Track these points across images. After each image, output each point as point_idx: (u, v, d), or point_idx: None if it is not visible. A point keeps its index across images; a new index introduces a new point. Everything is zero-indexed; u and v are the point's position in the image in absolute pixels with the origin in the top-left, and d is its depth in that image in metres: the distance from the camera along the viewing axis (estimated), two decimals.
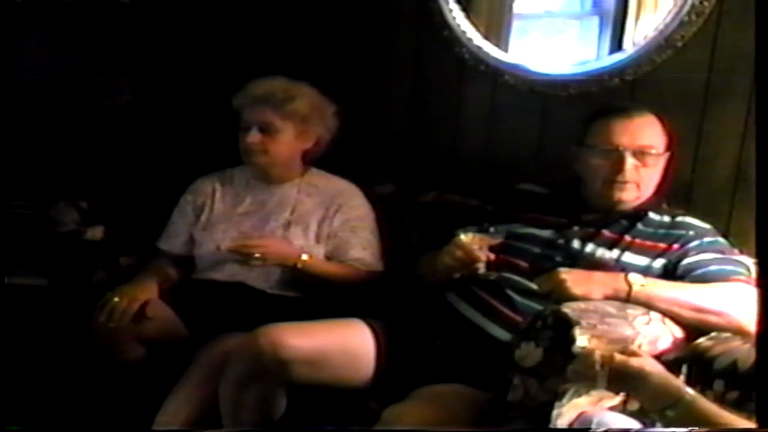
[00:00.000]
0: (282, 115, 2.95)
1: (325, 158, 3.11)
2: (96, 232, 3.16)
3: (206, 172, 3.19)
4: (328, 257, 2.98)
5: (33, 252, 3.30)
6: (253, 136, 2.96)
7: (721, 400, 2.03)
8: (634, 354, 1.95)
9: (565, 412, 2.17)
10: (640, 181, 2.60)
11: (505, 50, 3.27)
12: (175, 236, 3.13)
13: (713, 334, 2.27)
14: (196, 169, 3.21)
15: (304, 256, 2.89)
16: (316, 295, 2.95)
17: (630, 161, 2.56)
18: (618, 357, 1.91)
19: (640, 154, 2.57)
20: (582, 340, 1.95)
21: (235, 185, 3.13)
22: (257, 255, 2.82)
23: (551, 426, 2.16)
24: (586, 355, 1.94)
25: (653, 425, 2.05)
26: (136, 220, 3.29)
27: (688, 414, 1.86)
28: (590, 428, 1.92)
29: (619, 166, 2.57)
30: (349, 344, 2.61)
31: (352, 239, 2.98)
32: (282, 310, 2.81)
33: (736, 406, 2.02)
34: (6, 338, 2.90)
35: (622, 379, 1.91)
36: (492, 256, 2.59)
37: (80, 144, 3.56)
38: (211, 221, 3.08)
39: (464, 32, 3.28)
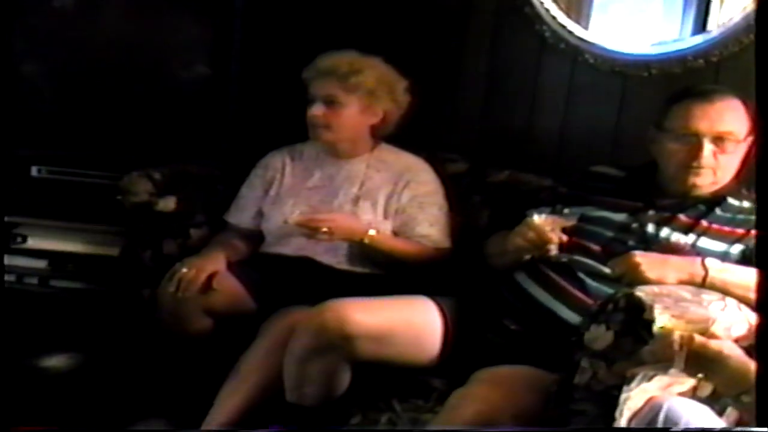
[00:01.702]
0: (346, 88, 2.94)
1: (398, 134, 3.09)
2: (168, 203, 3.18)
3: (279, 146, 3.19)
4: (396, 233, 2.96)
5: (106, 222, 3.34)
6: (317, 109, 2.95)
7: None
8: (713, 336, 1.90)
9: (634, 396, 2.13)
10: (717, 168, 2.54)
11: (586, 28, 3.22)
12: (244, 210, 3.14)
13: None
14: (269, 143, 3.21)
15: (372, 232, 2.87)
16: (383, 272, 2.94)
17: (708, 147, 2.50)
18: (697, 338, 1.87)
19: (718, 140, 2.50)
20: (662, 319, 1.91)
21: (305, 160, 3.13)
22: (324, 230, 2.81)
23: (619, 410, 2.13)
24: (666, 334, 1.89)
25: (723, 411, 2.01)
26: (208, 193, 3.31)
27: None
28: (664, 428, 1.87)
29: (696, 152, 2.51)
30: (414, 321, 2.60)
31: (419, 215, 2.95)
32: (349, 285, 2.81)
33: None
34: (75, 308, 2.94)
35: (700, 361, 1.87)
36: (565, 238, 2.55)
37: (154, 114, 3.58)
38: (280, 195, 3.08)
39: (546, 9, 3.24)
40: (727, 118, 2.52)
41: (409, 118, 3.06)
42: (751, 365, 1.86)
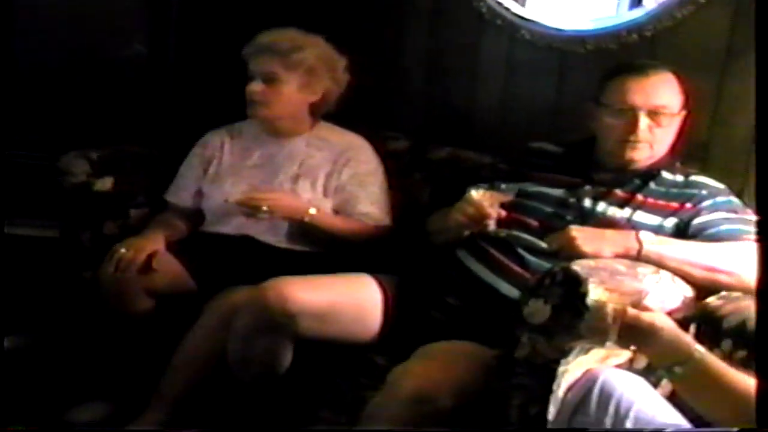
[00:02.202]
0: (286, 65, 2.93)
1: (338, 113, 3.08)
2: (106, 183, 3.15)
3: (218, 125, 3.17)
4: (336, 211, 2.97)
5: (43, 203, 3.31)
6: (256, 86, 2.94)
7: (729, 359, 2.00)
8: (646, 309, 1.92)
9: (571, 369, 2.15)
10: (653, 141, 2.57)
11: (523, 4, 3.22)
12: (184, 189, 3.12)
13: (723, 293, 2.25)
14: (209, 122, 3.19)
15: (312, 210, 2.88)
16: (324, 250, 2.94)
17: (644, 121, 2.53)
18: (630, 311, 1.89)
19: (654, 113, 2.54)
20: (596, 292, 1.93)
21: (244, 138, 3.12)
22: (265, 208, 2.81)
23: (557, 383, 2.15)
24: (599, 307, 1.92)
25: (658, 383, 2.04)
26: (147, 173, 3.29)
27: (697, 371, 1.84)
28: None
29: (632, 125, 2.53)
30: (356, 299, 2.61)
31: (360, 193, 2.96)
32: (290, 264, 2.81)
33: (744, 365, 1.99)
34: (15, 289, 2.91)
35: (633, 333, 1.89)
36: (503, 213, 2.57)
37: (92, 94, 3.54)
38: (219, 174, 3.07)
39: None
40: (662, 92, 2.56)
41: (348, 96, 3.05)
42: (684, 337, 1.89)
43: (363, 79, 3.07)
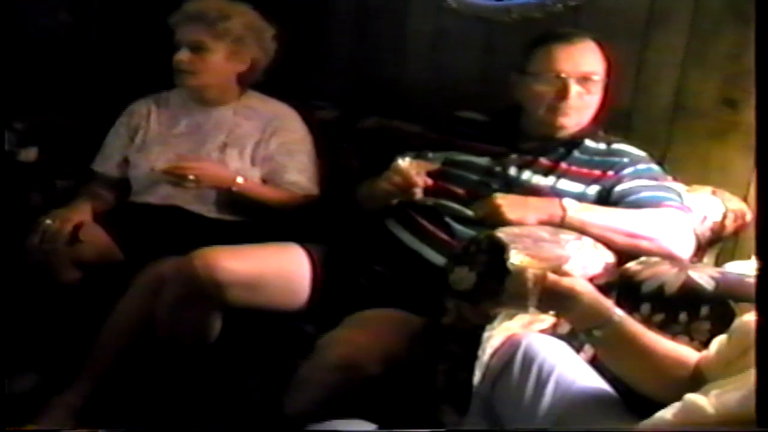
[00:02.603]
0: (214, 34, 2.91)
1: (267, 82, 3.07)
2: (29, 154, 3.11)
3: (145, 95, 3.14)
4: (264, 180, 2.96)
5: None
6: (183, 55, 2.92)
7: (647, 323, 2.05)
8: (565, 274, 1.95)
9: (496, 335, 2.19)
10: (582, 108, 2.60)
11: None
12: (110, 158, 3.09)
13: (642, 258, 2.29)
14: (135, 91, 3.16)
15: (239, 179, 2.87)
16: (253, 219, 2.93)
17: (574, 88, 2.56)
18: (550, 276, 1.92)
19: (583, 80, 2.56)
20: (516, 258, 1.96)
21: (171, 107, 3.09)
22: (191, 177, 2.80)
23: (482, 349, 2.19)
24: (519, 272, 1.94)
25: (581, 348, 2.08)
26: (73, 143, 3.25)
27: (616, 334, 1.87)
28: None
29: (563, 92, 2.56)
30: (285, 268, 2.62)
31: (288, 163, 2.96)
32: (218, 233, 2.81)
33: (662, 328, 2.05)
34: None
35: (552, 298, 1.91)
36: (429, 182, 2.58)
37: (16, 63, 3.48)
38: (146, 143, 3.04)
39: None
40: (589, 59, 2.59)
41: (276, 66, 3.04)
42: (603, 301, 1.92)
43: (290, 49, 3.06)
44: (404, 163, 2.58)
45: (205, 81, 2.96)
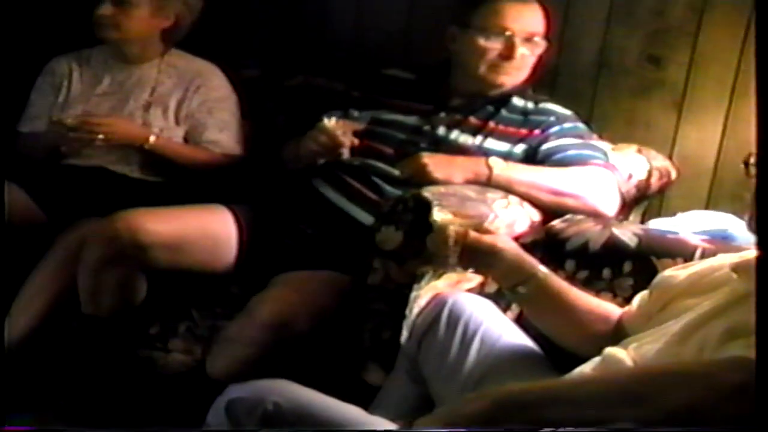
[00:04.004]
0: None
1: (190, 40, 3.01)
2: None
3: (64, 52, 3.06)
4: (186, 139, 2.91)
5: None
6: (105, 9, 2.84)
7: (572, 279, 2.07)
8: (487, 231, 1.96)
9: (423, 294, 2.19)
10: (523, 68, 2.60)
11: None
12: (37, 117, 2.99)
13: (567, 216, 2.31)
14: (53, 48, 3.08)
15: (152, 138, 2.82)
16: (178, 180, 2.89)
17: (520, 48, 2.55)
18: (472, 233, 1.92)
19: (528, 40, 2.56)
20: (438, 215, 1.96)
21: (93, 65, 3.01)
22: (100, 135, 2.74)
23: (409, 308, 2.19)
24: (440, 229, 1.94)
25: (509, 308, 2.09)
26: None
27: (540, 290, 1.89)
28: None
29: (509, 51, 2.54)
30: (209, 229, 2.59)
31: (208, 121, 2.91)
32: (143, 194, 2.76)
33: (586, 285, 2.07)
34: None
35: (474, 255, 1.92)
36: (356, 141, 2.57)
37: None
38: (69, 102, 2.96)
39: None
40: (536, 19, 2.58)
41: (200, 23, 2.98)
42: (526, 258, 1.93)
43: (215, 6, 3.00)
44: (330, 122, 2.57)
45: (128, 35, 2.88)
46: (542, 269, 1.91)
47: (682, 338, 1.54)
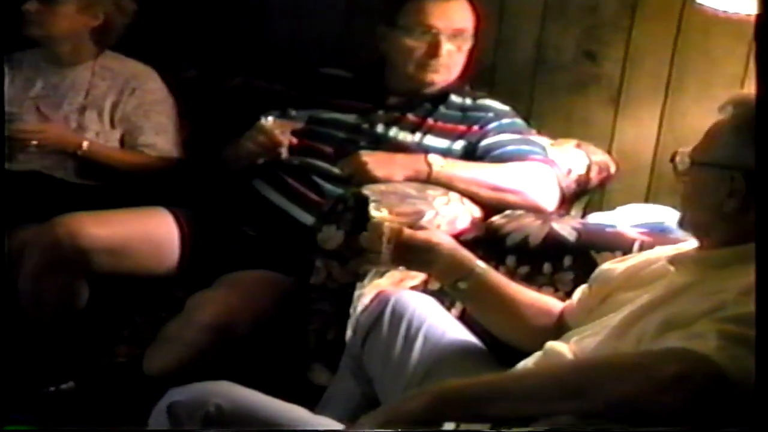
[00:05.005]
0: None
1: (126, 42, 2.98)
2: None
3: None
4: (122, 143, 2.88)
5: None
6: (30, 5, 2.79)
7: (513, 275, 2.09)
8: (422, 228, 1.96)
9: (367, 293, 2.20)
10: (452, 65, 2.60)
11: None
12: None
13: (507, 212, 2.32)
14: None
15: (85, 144, 2.78)
16: (116, 184, 2.86)
17: (446, 45, 2.55)
18: (406, 230, 1.93)
19: (454, 37, 2.56)
20: (373, 213, 1.96)
21: (25, 69, 2.95)
22: (33, 143, 2.71)
23: (353, 307, 2.19)
24: (374, 226, 1.94)
25: (452, 305, 2.10)
26: None
27: (480, 285, 1.90)
28: None
29: (434, 49, 2.55)
30: (151, 232, 2.58)
31: (144, 124, 2.87)
32: (82, 199, 2.72)
33: (527, 280, 2.09)
34: None
35: (410, 251, 1.93)
36: (294, 140, 2.57)
37: None
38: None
39: None
40: (461, 15, 2.58)
41: (135, 25, 2.95)
42: (464, 253, 1.94)
43: (152, 8, 2.98)
44: (267, 122, 2.58)
45: (54, 33, 2.83)
46: (481, 264, 1.92)
47: (620, 331, 1.56)
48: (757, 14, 1.39)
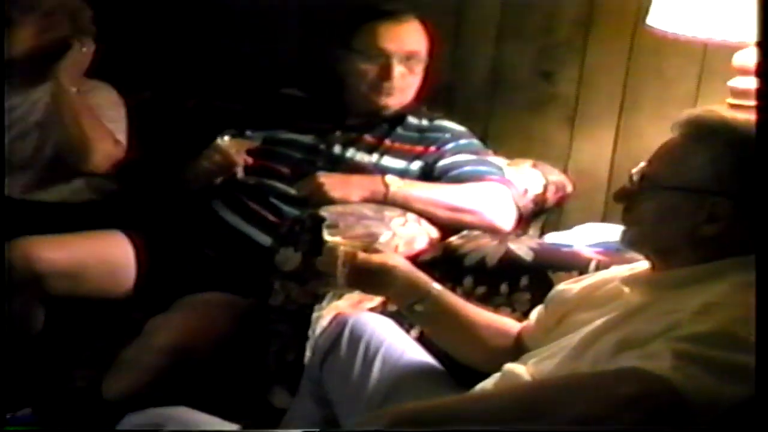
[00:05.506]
0: (21, 6, 2.78)
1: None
2: None
3: None
4: None
5: None
6: None
7: (470, 296, 2.10)
8: (376, 251, 1.96)
9: (326, 315, 2.20)
10: (405, 87, 2.62)
11: None
12: None
13: (464, 232, 2.33)
14: None
15: None
16: (73, 203, 2.84)
17: (398, 68, 2.57)
18: (360, 254, 1.92)
19: (407, 59, 2.58)
20: (328, 236, 1.96)
21: None
22: None
23: (312, 329, 2.19)
24: (329, 250, 1.94)
25: (412, 327, 2.11)
26: None
27: (436, 308, 1.90)
28: None
29: (386, 71, 2.57)
30: (107, 255, 2.57)
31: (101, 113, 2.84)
32: (36, 218, 2.70)
33: (485, 300, 2.10)
34: None
35: (365, 275, 1.92)
36: (250, 160, 2.59)
37: None
38: None
39: None
40: (414, 38, 2.61)
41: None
42: (420, 275, 1.94)
43: (110, 31, 2.95)
44: (223, 141, 2.60)
45: (12, 55, 2.82)
46: (437, 287, 1.92)
47: (577, 353, 1.56)
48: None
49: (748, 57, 2.30)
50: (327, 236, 1.96)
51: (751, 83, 2.29)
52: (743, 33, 2.23)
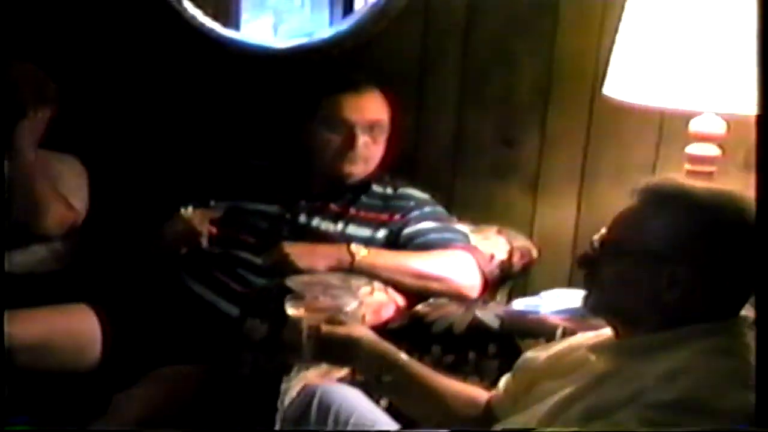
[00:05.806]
0: None
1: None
2: None
3: None
4: None
5: None
6: None
7: (438, 364, 2.10)
8: (341, 323, 1.95)
9: (294, 385, 2.19)
10: (369, 156, 2.65)
11: (237, 28, 3.25)
12: None
13: (431, 300, 2.34)
14: None
15: None
16: (39, 274, 2.83)
17: (361, 137, 2.60)
18: (324, 327, 1.91)
19: (369, 129, 2.62)
20: (290, 310, 1.96)
21: None
22: None
23: (280, 400, 2.18)
24: (292, 323, 1.93)
25: (381, 396, 2.10)
26: None
27: (404, 378, 1.89)
28: None
29: (350, 141, 2.60)
30: (73, 330, 2.55)
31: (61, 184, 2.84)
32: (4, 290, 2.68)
33: (453, 369, 2.10)
34: None
35: (330, 347, 1.91)
36: (213, 230, 2.61)
37: None
38: None
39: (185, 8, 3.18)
40: (376, 108, 2.65)
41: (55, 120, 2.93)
42: (386, 346, 1.92)
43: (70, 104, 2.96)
44: (186, 212, 2.62)
45: None
46: (403, 356, 1.91)
47: (546, 424, 1.56)
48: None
49: (704, 124, 2.36)
50: (290, 309, 1.95)
51: (708, 150, 2.36)
52: (697, 101, 2.28)
